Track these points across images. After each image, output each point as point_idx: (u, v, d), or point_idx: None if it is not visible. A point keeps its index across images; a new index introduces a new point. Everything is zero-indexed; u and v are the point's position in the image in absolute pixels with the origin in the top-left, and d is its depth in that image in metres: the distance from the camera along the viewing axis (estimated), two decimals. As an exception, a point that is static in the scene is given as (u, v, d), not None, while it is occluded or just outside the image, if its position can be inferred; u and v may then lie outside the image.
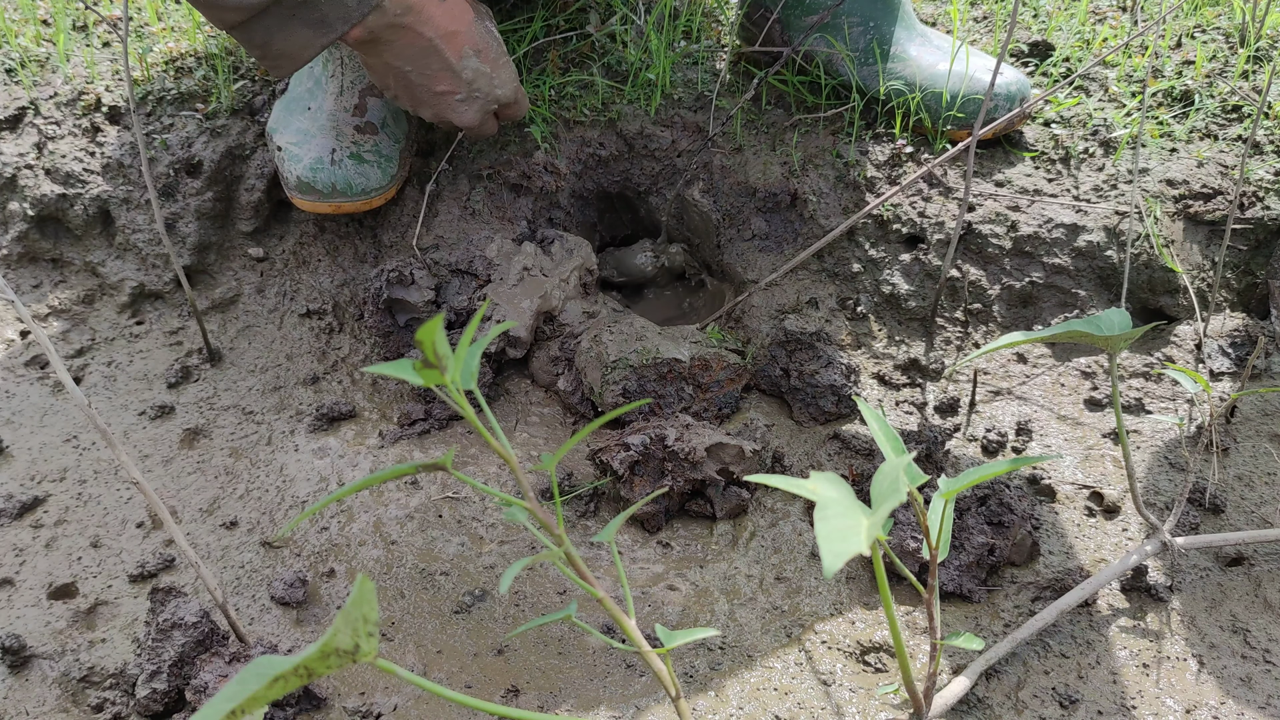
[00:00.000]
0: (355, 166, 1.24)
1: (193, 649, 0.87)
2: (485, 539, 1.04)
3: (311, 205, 1.25)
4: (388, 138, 1.28)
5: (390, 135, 1.28)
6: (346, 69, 1.28)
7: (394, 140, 1.29)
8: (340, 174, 1.24)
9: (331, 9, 0.98)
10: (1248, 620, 0.93)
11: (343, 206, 1.25)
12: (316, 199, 1.24)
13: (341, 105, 1.27)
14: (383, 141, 1.27)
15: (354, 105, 1.27)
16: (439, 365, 0.50)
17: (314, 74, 1.30)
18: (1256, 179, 1.28)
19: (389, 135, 1.28)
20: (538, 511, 0.60)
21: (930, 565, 0.66)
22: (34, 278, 1.41)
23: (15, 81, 1.48)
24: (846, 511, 0.52)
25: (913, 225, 1.28)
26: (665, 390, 1.14)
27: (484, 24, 1.16)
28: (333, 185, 1.23)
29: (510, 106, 1.22)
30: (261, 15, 0.96)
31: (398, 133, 1.29)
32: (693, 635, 0.67)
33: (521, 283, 1.22)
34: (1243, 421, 1.16)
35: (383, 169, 1.26)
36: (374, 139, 1.27)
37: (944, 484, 0.66)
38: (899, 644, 0.64)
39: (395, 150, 1.28)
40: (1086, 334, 0.79)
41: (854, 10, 1.32)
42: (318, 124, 1.26)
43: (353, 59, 1.28)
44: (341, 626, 0.48)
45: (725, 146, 1.35)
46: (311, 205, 1.25)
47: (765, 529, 1.05)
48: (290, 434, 1.19)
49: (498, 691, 0.89)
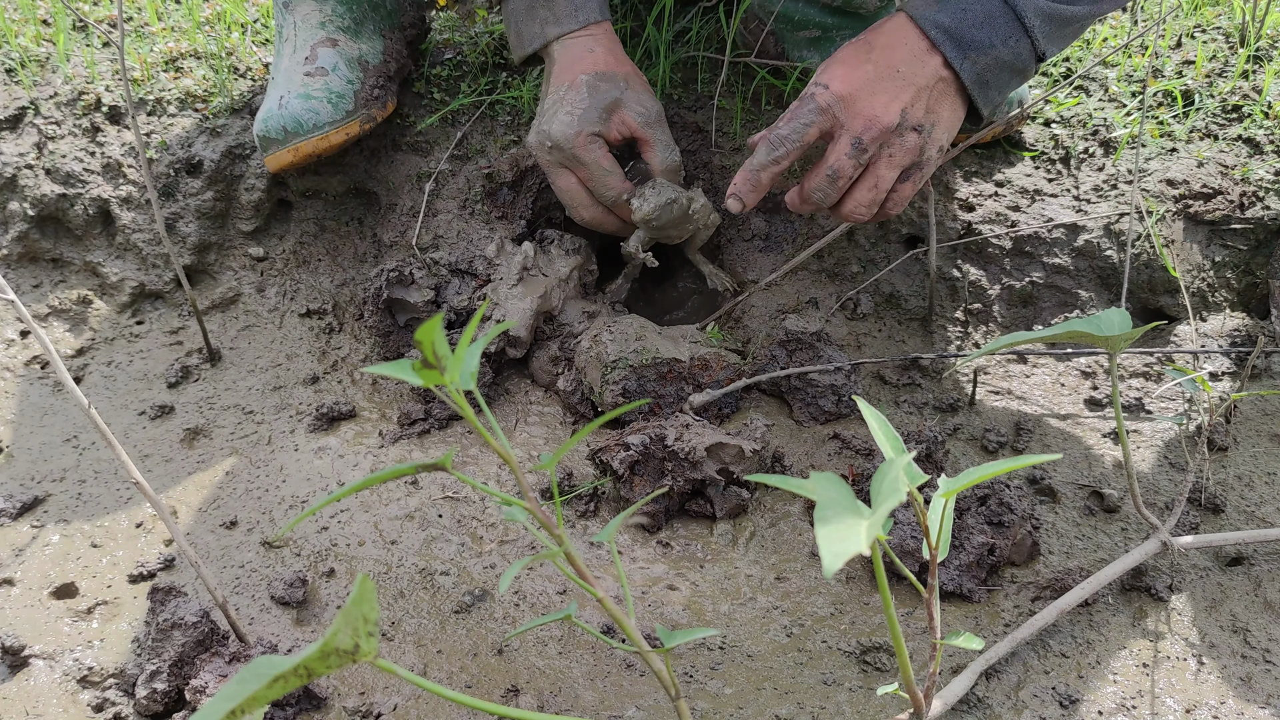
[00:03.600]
0: (303, 104, 1.25)
1: (193, 649, 0.87)
2: (485, 539, 1.04)
3: (276, 159, 1.25)
4: (339, 78, 1.29)
5: (342, 77, 1.29)
6: (300, 30, 1.31)
7: (346, 81, 1.29)
8: (288, 114, 1.24)
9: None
10: (1248, 620, 0.93)
11: (301, 147, 1.25)
12: (277, 149, 1.25)
13: (295, 61, 1.30)
14: (333, 81, 1.28)
15: (305, 57, 1.30)
16: (438, 365, 0.50)
17: (279, 47, 1.35)
18: (1256, 179, 1.28)
19: (340, 77, 1.29)
20: (538, 511, 0.60)
21: (930, 565, 0.66)
22: (34, 278, 1.41)
23: (15, 81, 1.48)
24: (846, 511, 0.52)
25: (912, 225, 1.28)
26: (665, 390, 1.14)
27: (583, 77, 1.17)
28: (283, 128, 1.24)
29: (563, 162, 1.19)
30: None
31: (351, 76, 1.30)
32: (693, 635, 0.67)
33: (521, 283, 1.22)
34: (1243, 421, 1.16)
35: (334, 104, 1.26)
36: (323, 80, 1.28)
37: (944, 484, 0.66)
38: (899, 644, 0.64)
39: (349, 90, 1.28)
40: (1086, 334, 0.79)
41: (845, 25, 1.32)
42: (275, 84, 1.29)
43: (305, 21, 1.32)
44: (341, 626, 0.48)
45: (725, 146, 1.35)
46: (276, 159, 1.25)
47: (765, 529, 1.05)
48: (290, 434, 1.19)
49: (498, 691, 0.89)
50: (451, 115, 1.39)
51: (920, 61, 1.00)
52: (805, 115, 1.01)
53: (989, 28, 0.99)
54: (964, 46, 1.00)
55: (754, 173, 1.04)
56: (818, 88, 1.02)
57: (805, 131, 1.02)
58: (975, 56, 1.00)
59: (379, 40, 1.35)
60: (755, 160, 1.04)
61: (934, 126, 1.02)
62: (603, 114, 1.15)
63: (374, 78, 1.32)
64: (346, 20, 1.33)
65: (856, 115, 1.00)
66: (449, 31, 1.51)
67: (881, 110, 0.99)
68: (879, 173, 1.02)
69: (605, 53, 1.18)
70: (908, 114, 1.00)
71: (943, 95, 1.01)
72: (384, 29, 1.36)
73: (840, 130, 1.01)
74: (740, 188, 1.05)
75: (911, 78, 1.00)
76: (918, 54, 1.00)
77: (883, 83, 1.00)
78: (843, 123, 1.01)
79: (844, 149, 1.01)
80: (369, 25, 1.35)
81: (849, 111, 1.00)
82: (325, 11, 1.32)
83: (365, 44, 1.34)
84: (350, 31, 1.33)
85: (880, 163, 1.02)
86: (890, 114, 0.99)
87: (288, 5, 1.33)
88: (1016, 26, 0.99)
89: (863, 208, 1.04)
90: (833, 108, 1.01)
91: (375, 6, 1.36)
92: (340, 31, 1.32)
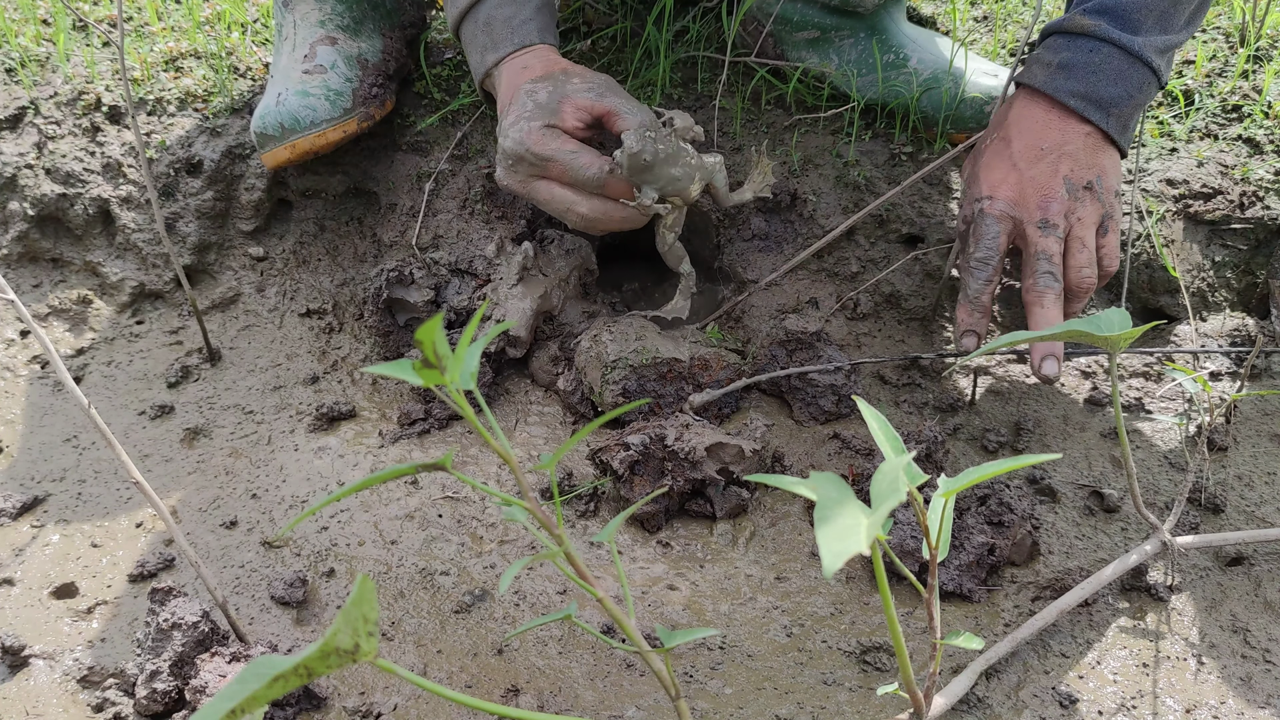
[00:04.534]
0: (300, 101, 1.25)
1: (193, 649, 0.87)
2: (485, 539, 1.04)
3: (274, 156, 1.25)
4: (337, 76, 1.29)
5: (340, 75, 1.29)
6: (299, 28, 1.31)
7: (344, 79, 1.29)
8: (285, 111, 1.24)
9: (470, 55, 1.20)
10: (1248, 620, 0.93)
11: (298, 145, 1.24)
12: (274, 146, 1.24)
13: (294, 59, 1.30)
14: (331, 79, 1.28)
15: (304, 55, 1.30)
16: (438, 365, 0.50)
17: (278, 45, 1.35)
18: (1256, 179, 1.28)
19: (338, 74, 1.29)
20: (538, 511, 0.60)
21: (930, 565, 0.66)
22: (34, 278, 1.41)
23: (15, 81, 1.48)
24: (846, 511, 0.52)
25: (912, 225, 1.28)
26: (665, 390, 1.14)
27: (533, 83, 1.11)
28: (280, 124, 1.23)
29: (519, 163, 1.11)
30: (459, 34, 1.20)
31: (349, 74, 1.30)
32: (693, 635, 0.67)
33: (521, 282, 1.22)
34: (1243, 421, 1.16)
35: (331, 101, 1.26)
36: (321, 77, 1.28)
37: (944, 484, 0.66)
38: (899, 644, 0.64)
39: (346, 87, 1.28)
40: (1086, 334, 0.79)
41: (844, 26, 1.32)
42: (273, 82, 1.29)
43: (304, 20, 1.32)
44: (341, 626, 0.48)
45: (725, 146, 1.35)
46: (274, 156, 1.25)
47: (765, 529, 1.05)
48: (290, 434, 1.19)
49: (498, 691, 0.89)
50: (451, 115, 1.39)
51: (1060, 130, 1.04)
52: (989, 231, 1.05)
53: (1123, 82, 1.03)
54: (1104, 106, 1.04)
55: (974, 302, 1.06)
56: (984, 201, 1.05)
57: (997, 243, 1.05)
58: (1117, 111, 1.04)
59: (378, 39, 1.35)
60: (970, 291, 1.06)
61: (1101, 177, 1.05)
62: (549, 109, 1.08)
63: (373, 76, 1.32)
64: (346, 19, 1.33)
65: (1031, 205, 1.04)
66: (449, 31, 1.51)
67: (1048, 189, 1.03)
68: (1078, 235, 1.05)
69: (540, 63, 1.14)
70: (1070, 180, 1.04)
71: (1094, 149, 1.05)
72: (384, 27, 1.37)
73: (1024, 224, 1.04)
74: (967, 322, 1.07)
75: (1059, 147, 1.04)
76: (1055, 124, 1.04)
77: (1036, 165, 1.04)
78: (1022, 218, 1.04)
79: (1038, 235, 1.04)
80: (369, 24, 1.35)
81: (1023, 207, 1.04)
82: (325, 10, 1.32)
83: (364, 42, 1.34)
84: (349, 30, 1.33)
85: (1075, 229, 1.05)
86: (1057, 188, 1.03)
87: (287, 3, 1.33)
88: (1145, 71, 1.03)
89: (1085, 270, 1.06)
90: (1008, 212, 1.04)
91: (375, 5, 1.36)
92: (339, 30, 1.32)
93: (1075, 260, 1.05)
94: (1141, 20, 1.02)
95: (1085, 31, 1.03)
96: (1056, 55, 1.05)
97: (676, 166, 1.08)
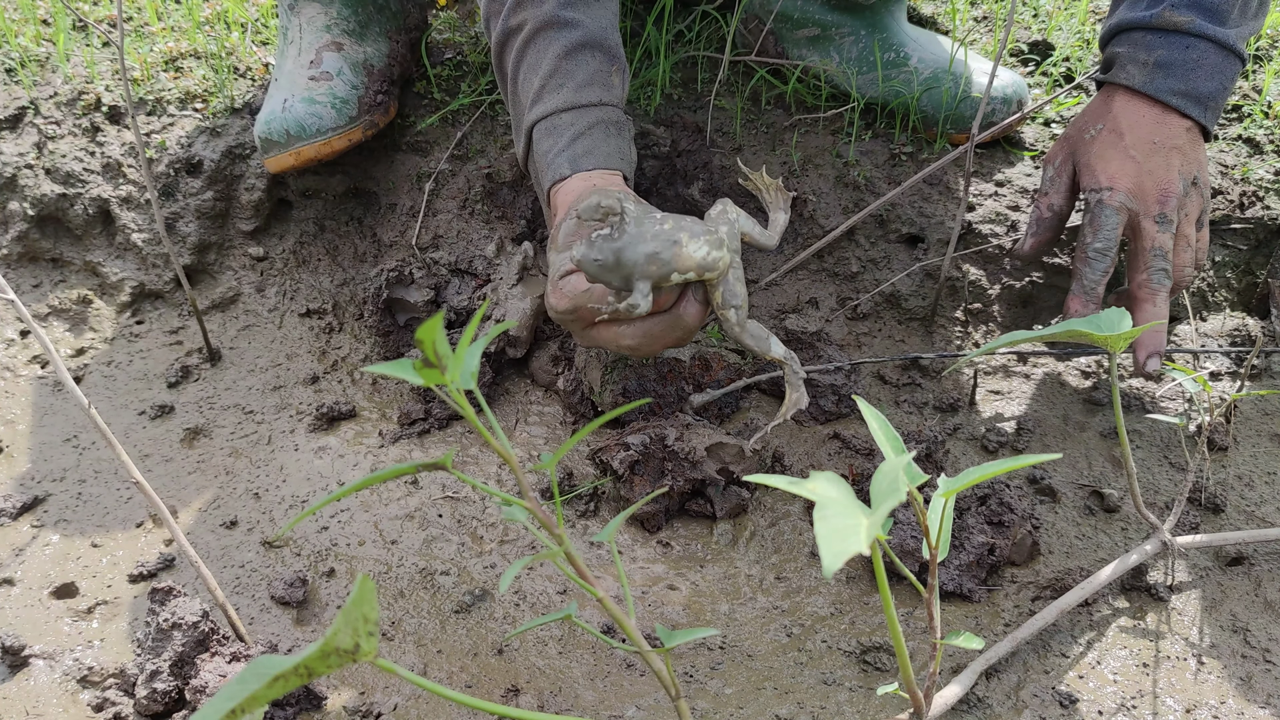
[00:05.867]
0: (307, 108, 1.25)
1: (193, 649, 0.87)
2: (485, 539, 1.04)
3: (277, 161, 1.25)
4: (343, 83, 1.29)
5: (346, 82, 1.29)
6: (305, 32, 1.31)
7: (350, 86, 1.29)
8: (291, 117, 1.24)
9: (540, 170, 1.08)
10: (1248, 620, 0.93)
11: (303, 152, 1.25)
12: (279, 152, 1.25)
13: (299, 64, 1.30)
14: (337, 86, 1.28)
15: (310, 61, 1.30)
16: (439, 365, 0.50)
17: (283, 48, 1.34)
18: (1256, 179, 1.28)
19: (344, 81, 1.29)
20: (538, 511, 0.60)
21: (930, 565, 0.66)
22: (34, 278, 1.41)
23: (15, 81, 1.48)
24: (846, 511, 0.52)
25: (913, 225, 1.28)
26: (665, 390, 1.14)
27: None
28: (286, 131, 1.24)
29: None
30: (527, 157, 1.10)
31: (355, 81, 1.30)
32: (693, 635, 0.67)
33: (521, 282, 1.22)
34: (1243, 421, 1.16)
35: (338, 110, 1.26)
36: (328, 84, 1.28)
37: (944, 484, 0.66)
38: (899, 644, 0.64)
39: (353, 95, 1.29)
40: (1086, 334, 0.79)
41: (845, 23, 1.32)
42: (278, 86, 1.29)
43: (310, 24, 1.31)
44: (342, 626, 0.48)
45: (725, 146, 1.35)
46: (277, 161, 1.25)
47: (765, 529, 1.05)
48: (290, 433, 1.19)
49: (498, 691, 0.89)
50: (451, 115, 1.39)
51: (1167, 126, 1.06)
52: (1108, 221, 1.06)
53: (1219, 76, 1.06)
54: (1203, 101, 1.06)
55: (1089, 292, 1.08)
56: (1104, 192, 1.06)
57: (1115, 233, 1.06)
58: (1214, 104, 1.07)
59: (384, 43, 1.35)
60: (1086, 281, 1.07)
61: (1199, 170, 1.08)
62: (557, 265, 0.98)
63: (378, 83, 1.32)
64: (352, 23, 1.33)
65: (1149, 198, 1.05)
66: (449, 31, 1.51)
67: (1166, 182, 1.05)
68: (1185, 233, 1.07)
69: (599, 178, 1.03)
70: (1183, 173, 1.06)
71: (1194, 142, 1.07)
72: (389, 30, 1.36)
73: (1139, 217, 1.06)
74: (1081, 314, 1.08)
75: (1169, 142, 1.06)
76: (1161, 121, 1.06)
77: (1152, 159, 1.06)
78: (1139, 210, 1.06)
79: (1154, 229, 1.05)
80: (374, 27, 1.35)
81: (1141, 199, 1.05)
82: (331, 14, 1.32)
83: (370, 47, 1.34)
84: (355, 35, 1.33)
85: (1183, 225, 1.07)
86: (1173, 182, 1.05)
87: (293, 6, 1.33)
88: (1234, 60, 1.06)
89: (1189, 269, 1.09)
90: (1126, 204, 1.06)
91: (380, 8, 1.35)
92: (345, 35, 1.32)
93: (1182, 258, 1.07)
94: (1229, 11, 1.04)
95: (1178, 28, 1.05)
96: (1152, 54, 1.06)
97: (644, 244, 0.88)
